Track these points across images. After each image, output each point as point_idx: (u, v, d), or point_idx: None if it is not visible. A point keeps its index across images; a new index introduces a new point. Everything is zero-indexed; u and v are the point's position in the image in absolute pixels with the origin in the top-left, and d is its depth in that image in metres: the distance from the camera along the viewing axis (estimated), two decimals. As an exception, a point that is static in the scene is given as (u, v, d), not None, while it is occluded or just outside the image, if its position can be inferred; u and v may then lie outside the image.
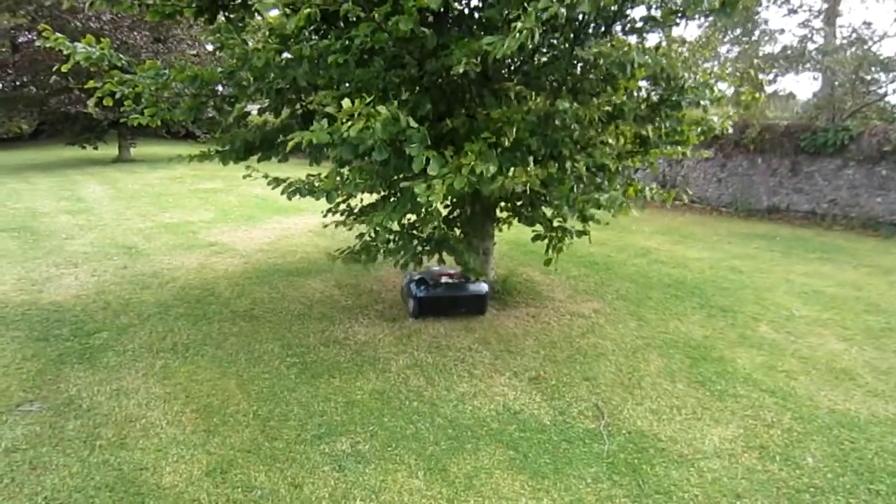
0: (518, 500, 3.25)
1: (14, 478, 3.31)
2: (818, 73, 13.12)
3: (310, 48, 4.37)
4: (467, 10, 5.02)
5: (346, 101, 3.63)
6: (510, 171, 3.93)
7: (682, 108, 5.00)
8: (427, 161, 3.82)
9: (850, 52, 12.09)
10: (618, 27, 4.98)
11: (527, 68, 5.05)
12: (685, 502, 3.25)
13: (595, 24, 4.82)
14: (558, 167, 4.57)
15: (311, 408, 4.11)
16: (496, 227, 6.19)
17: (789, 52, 12.92)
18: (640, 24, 4.85)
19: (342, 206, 5.85)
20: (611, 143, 5.22)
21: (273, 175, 5.11)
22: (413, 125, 3.82)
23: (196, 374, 4.57)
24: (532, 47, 4.75)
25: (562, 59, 4.76)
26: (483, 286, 5.86)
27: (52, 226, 9.75)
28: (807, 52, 12.73)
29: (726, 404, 4.27)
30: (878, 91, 12.14)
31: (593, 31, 4.86)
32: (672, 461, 3.59)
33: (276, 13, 4.74)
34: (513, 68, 5.17)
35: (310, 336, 5.30)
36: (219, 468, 3.43)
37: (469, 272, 5.47)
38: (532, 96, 4.87)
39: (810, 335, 5.53)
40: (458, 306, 5.84)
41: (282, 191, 4.95)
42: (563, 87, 4.89)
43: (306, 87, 4.78)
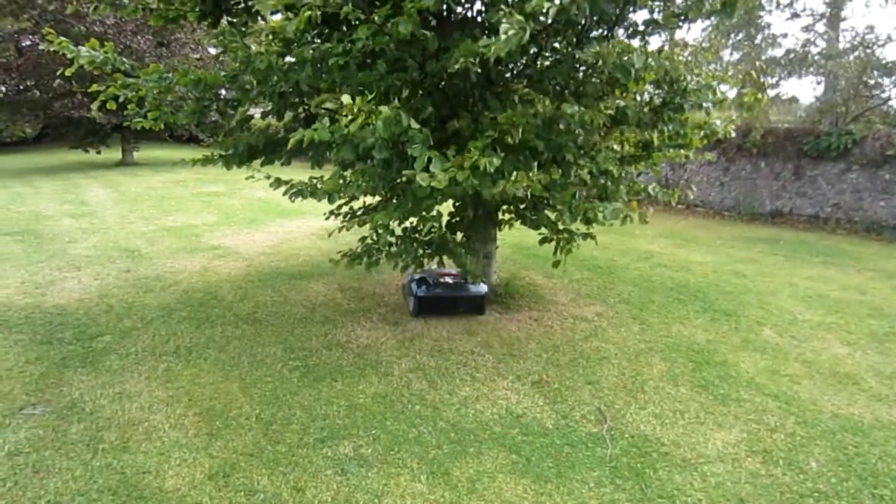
0: (521, 505, 3.25)
1: (17, 481, 3.31)
2: (821, 77, 13.12)
3: (311, 51, 4.38)
4: (470, 14, 5.04)
5: (347, 98, 3.63)
6: (513, 174, 3.93)
7: (685, 111, 5.00)
8: (429, 161, 3.82)
9: (853, 56, 12.08)
10: (620, 31, 4.98)
11: (529, 72, 5.06)
12: (688, 507, 3.25)
13: (597, 27, 4.82)
14: (562, 172, 4.57)
15: (313, 411, 4.11)
16: (498, 229, 6.19)
17: (792, 56, 12.91)
18: (643, 28, 4.85)
19: (344, 208, 5.87)
20: (615, 148, 5.22)
21: (276, 178, 5.12)
22: (415, 126, 3.82)
23: (199, 377, 4.57)
24: (534, 52, 4.78)
25: (564, 62, 4.77)
26: (482, 287, 5.92)
27: (56, 229, 9.77)
28: (810, 56, 12.72)
29: (729, 408, 4.26)
30: (882, 95, 12.12)
31: (597, 35, 4.86)
32: (675, 465, 3.58)
33: (278, 17, 4.76)
34: (516, 72, 5.17)
35: (312, 339, 5.30)
36: (221, 472, 3.43)
37: (468, 275, 5.48)
38: (540, 99, 4.87)
39: (814, 339, 5.51)
40: (457, 306, 5.92)
41: (284, 192, 4.96)
42: (566, 91, 4.89)
43: (309, 90, 4.79)
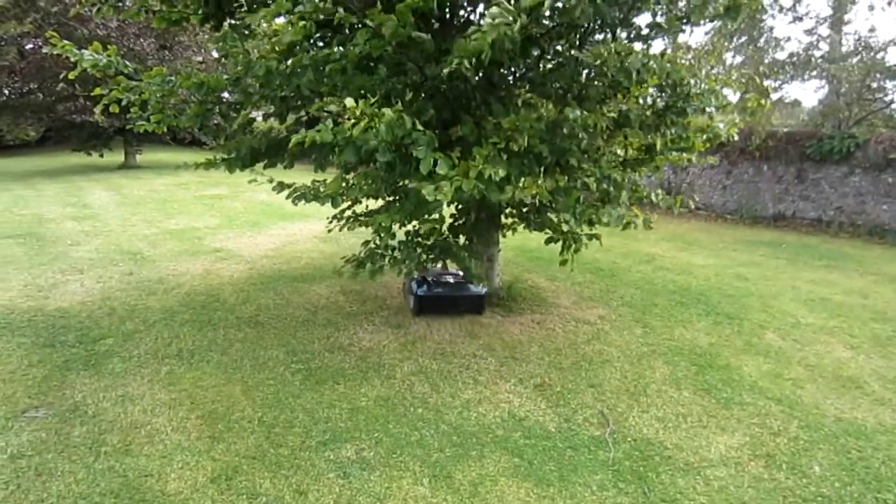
0: (523, 508, 3.24)
1: (20, 484, 3.31)
2: (824, 81, 13.10)
3: (310, 57, 4.38)
4: (474, 17, 5.04)
5: (350, 101, 3.62)
6: (520, 180, 3.92)
7: (688, 115, 4.99)
8: (435, 163, 3.82)
9: (856, 59, 12.07)
10: (623, 34, 4.98)
11: (532, 75, 5.05)
12: (691, 511, 3.24)
13: (600, 30, 4.82)
14: (567, 178, 4.56)
15: (315, 414, 4.11)
16: (501, 232, 6.19)
17: (795, 59, 12.89)
18: (646, 31, 4.85)
19: (347, 212, 5.86)
20: (618, 153, 5.21)
21: (278, 182, 5.12)
22: (419, 128, 3.82)
23: (201, 380, 4.58)
24: (537, 54, 4.77)
25: (567, 65, 4.76)
26: (482, 287, 5.96)
27: (58, 232, 9.78)
28: (813, 59, 12.70)
29: (732, 412, 4.25)
30: (885, 99, 12.12)
31: (600, 38, 4.86)
32: (678, 469, 3.58)
33: (281, 20, 4.75)
34: (518, 75, 5.17)
35: (315, 342, 5.30)
36: (224, 475, 3.43)
37: (472, 278, 5.47)
38: (543, 104, 4.87)
39: (817, 343, 5.50)
40: (457, 305, 6.00)
41: (287, 195, 4.95)
42: (569, 94, 4.89)
43: (310, 94, 4.79)
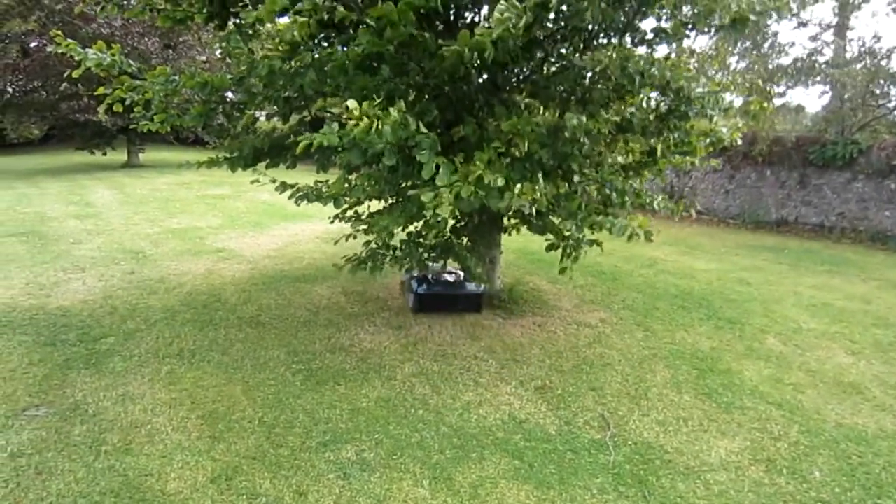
0: (523, 511, 3.24)
1: (20, 482, 3.31)
2: (828, 87, 13.08)
3: (313, 56, 4.38)
4: (477, 18, 5.04)
5: (353, 102, 3.58)
6: (518, 186, 3.90)
7: (690, 119, 4.99)
8: (437, 168, 3.81)
9: (860, 65, 12.05)
10: (627, 39, 4.98)
11: (535, 77, 5.05)
12: (692, 515, 3.24)
13: (605, 34, 4.82)
14: (567, 184, 4.56)
15: (316, 415, 4.11)
16: (507, 233, 6.18)
17: (799, 64, 12.88)
18: (651, 36, 4.85)
19: (349, 213, 5.86)
20: (619, 159, 5.21)
21: (281, 182, 5.13)
22: (423, 130, 3.81)
23: (202, 379, 4.58)
24: (541, 57, 4.77)
25: (571, 68, 4.76)
26: (481, 285, 6.01)
27: (61, 230, 9.79)
28: (817, 65, 12.68)
29: (733, 416, 4.24)
30: (889, 105, 12.10)
31: (604, 41, 4.86)
32: (678, 473, 3.57)
33: (285, 20, 4.76)
34: (522, 77, 5.17)
35: (316, 343, 5.30)
36: (224, 475, 3.43)
37: (474, 279, 5.48)
38: (540, 109, 4.87)
39: (818, 348, 5.50)
40: (456, 304, 6.07)
41: (289, 196, 4.96)
42: (573, 98, 4.89)
43: (313, 94, 4.79)
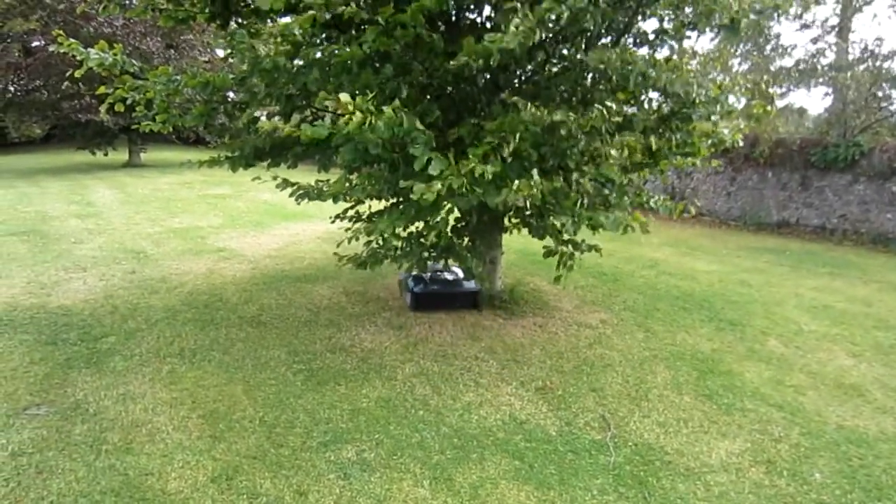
0: (523, 512, 3.24)
1: (20, 481, 3.31)
2: (830, 89, 13.08)
3: (318, 54, 4.37)
4: (479, 20, 5.05)
5: (345, 96, 3.53)
6: (514, 183, 3.91)
7: (693, 121, 4.99)
8: (428, 161, 3.81)
9: (862, 67, 12.05)
10: (629, 40, 4.98)
11: (537, 78, 5.05)
12: (692, 517, 3.23)
13: (606, 35, 4.82)
14: (564, 180, 4.55)
15: (316, 415, 4.11)
16: (507, 233, 6.18)
17: (801, 66, 12.88)
18: (652, 37, 4.85)
19: (350, 212, 5.86)
20: (614, 154, 5.20)
21: (283, 179, 5.12)
22: (420, 127, 3.81)
23: (203, 379, 4.58)
24: (543, 58, 4.77)
25: (572, 69, 4.77)
26: (476, 283, 6.06)
27: (62, 230, 9.80)
28: (819, 67, 12.68)
29: (734, 418, 4.24)
30: (890, 107, 12.10)
31: (606, 42, 4.87)
32: (679, 474, 3.57)
33: (288, 19, 4.76)
34: (524, 78, 5.17)
35: (316, 343, 5.30)
36: (224, 474, 3.43)
37: (475, 279, 5.47)
38: (528, 107, 4.87)
39: (819, 350, 5.49)
40: (453, 302, 6.12)
41: (290, 194, 4.96)
42: (574, 98, 4.89)
43: (316, 92, 4.79)
